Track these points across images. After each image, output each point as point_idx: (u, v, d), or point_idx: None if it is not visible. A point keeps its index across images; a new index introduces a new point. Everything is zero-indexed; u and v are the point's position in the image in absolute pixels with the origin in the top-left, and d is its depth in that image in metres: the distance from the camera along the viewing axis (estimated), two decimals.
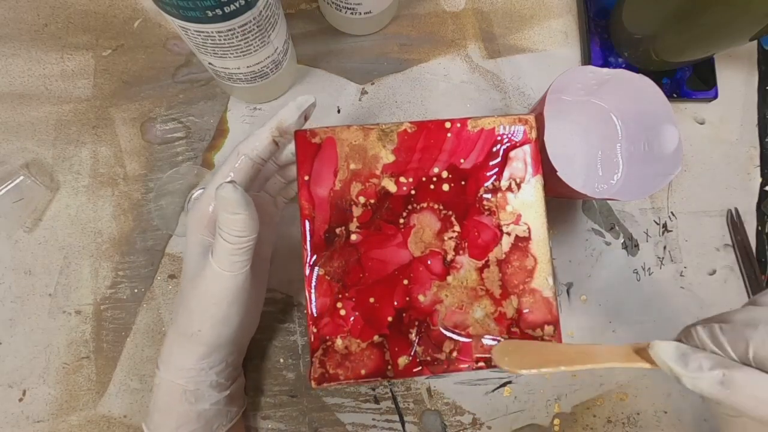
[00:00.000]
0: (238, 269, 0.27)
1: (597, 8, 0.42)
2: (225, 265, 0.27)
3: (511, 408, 0.39)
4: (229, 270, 0.27)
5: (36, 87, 0.39)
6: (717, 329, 0.19)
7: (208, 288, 0.28)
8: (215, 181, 0.28)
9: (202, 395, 0.30)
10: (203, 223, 0.29)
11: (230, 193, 0.25)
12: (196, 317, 0.28)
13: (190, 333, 0.29)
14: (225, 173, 0.29)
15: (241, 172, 0.29)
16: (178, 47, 0.40)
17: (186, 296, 0.29)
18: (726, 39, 0.35)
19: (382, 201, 0.28)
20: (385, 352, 0.27)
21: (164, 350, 0.31)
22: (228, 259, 0.26)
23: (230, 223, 0.25)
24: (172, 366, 0.30)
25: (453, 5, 0.43)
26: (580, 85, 0.35)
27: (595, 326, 0.40)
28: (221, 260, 0.27)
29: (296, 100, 0.29)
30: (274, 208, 0.34)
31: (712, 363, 0.18)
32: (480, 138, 0.29)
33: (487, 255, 0.28)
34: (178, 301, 0.30)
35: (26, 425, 0.36)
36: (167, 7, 0.26)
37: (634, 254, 0.42)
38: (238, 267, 0.27)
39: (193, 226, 0.29)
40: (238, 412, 0.33)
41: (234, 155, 0.29)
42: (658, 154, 0.33)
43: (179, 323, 0.29)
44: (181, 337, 0.29)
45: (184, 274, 0.30)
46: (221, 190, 0.25)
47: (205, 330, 0.29)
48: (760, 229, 0.43)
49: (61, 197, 0.38)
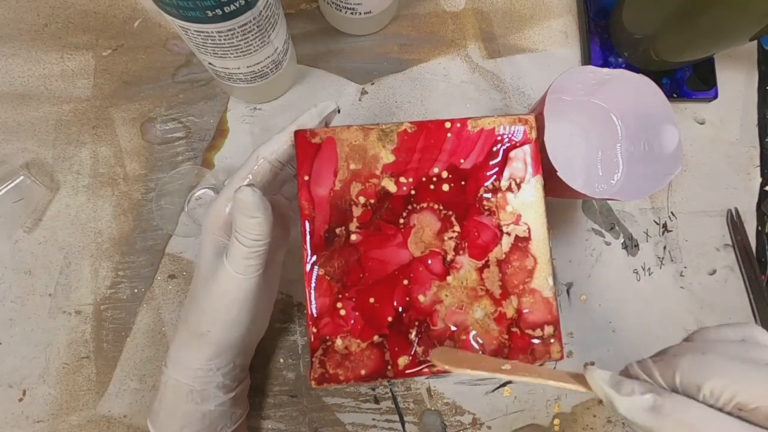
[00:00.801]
0: (252, 272, 0.27)
1: (597, 8, 0.42)
2: (239, 268, 0.27)
3: (511, 408, 0.39)
4: (243, 273, 0.27)
5: (36, 87, 0.39)
6: (649, 361, 0.20)
7: (220, 289, 0.28)
8: (233, 183, 0.28)
9: (208, 396, 0.30)
10: (218, 224, 0.29)
11: (249, 197, 0.25)
12: (207, 318, 0.29)
13: (200, 333, 0.29)
14: (243, 176, 0.29)
15: (259, 175, 0.29)
16: (178, 47, 0.40)
17: (198, 296, 0.29)
18: (726, 39, 0.35)
19: (382, 201, 0.28)
20: (385, 352, 0.27)
21: (173, 349, 0.31)
22: (242, 262, 0.27)
23: (247, 227, 0.26)
24: (180, 365, 0.30)
25: (453, 5, 0.43)
26: (580, 85, 0.35)
27: (595, 326, 0.40)
28: (235, 263, 0.27)
29: (318, 106, 0.29)
30: (289, 212, 0.34)
31: (644, 389, 0.19)
32: (480, 138, 0.29)
33: (487, 255, 0.28)
34: (189, 300, 0.30)
35: (26, 425, 0.36)
36: (167, 7, 0.26)
37: (634, 254, 0.42)
38: (252, 270, 0.27)
39: (209, 227, 0.29)
40: (242, 415, 0.33)
41: (253, 158, 0.29)
42: (658, 154, 0.33)
43: (190, 323, 0.29)
44: (191, 336, 0.29)
45: (197, 274, 0.30)
46: (240, 193, 0.25)
47: (215, 331, 0.29)
48: (760, 229, 0.43)
49: (61, 197, 0.38)
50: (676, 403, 0.18)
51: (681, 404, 0.18)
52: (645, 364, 0.20)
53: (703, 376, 0.18)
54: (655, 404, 0.18)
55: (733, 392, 0.17)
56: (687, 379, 0.18)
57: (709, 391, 0.18)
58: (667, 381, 0.19)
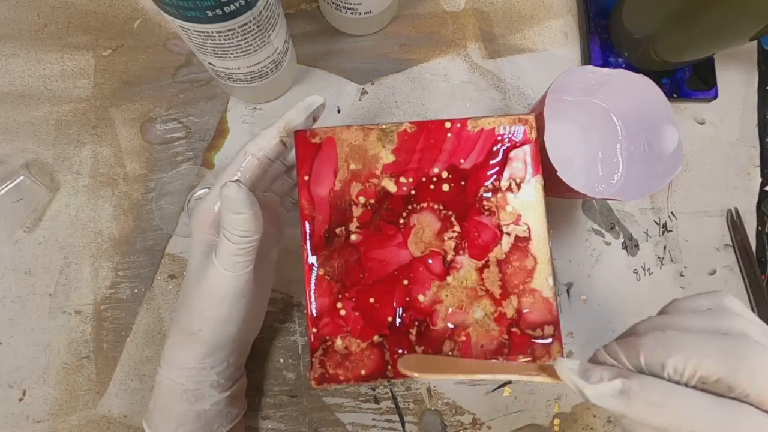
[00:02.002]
0: (241, 269, 0.27)
1: (597, 8, 0.42)
2: (227, 265, 0.27)
3: (511, 408, 0.39)
4: (232, 270, 0.27)
5: (36, 87, 0.39)
6: (614, 345, 0.20)
7: (210, 287, 0.27)
8: (221, 180, 0.28)
9: (202, 395, 0.30)
10: (208, 222, 0.28)
11: (234, 192, 0.25)
12: (197, 316, 0.28)
13: (191, 332, 0.29)
14: (231, 173, 0.28)
15: (247, 172, 0.28)
16: (178, 47, 0.40)
17: (188, 295, 0.29)
18: (726, 39, 0.35)
19: (381, 201, 0.28)
20: (385, 352, 0.27)
21: (166, 348, 0.31)
22: (231, 259, 0.26)
23: (234, 223, 0.25)
24: (173, 365, 0.30)
25: (453, 5, 0.43)
26: (580, 85, 0.35)
27: (595, 326, 0.40)
28: (224, 260, 0.26)
29: (305, 100, 0.29)
30: (280, 208, 0.34)
31: (611, 374, 0.19)
32: (480, 138, 0.29)
33: (487, 255, 0.28)
34: (180, 300, 0.30)
35: (26, 425, 0.36)
36: (167, 7, 0.26)
37: (634, 254, 0.42)
38: (241, 267, 0.27)
39: (198, 225, 0.29)
40: (239, 414, 0.33)
41: (241, 154, 0.28)
42: (658, 154, 0.33)
43: (181, 321, 0.29)
44: (183, 335, 0.29)
45: (188, 272, 0.30)
46: (226, 189, 0.25)
47: (206, 329, 0.29)
48: (760, 229, 0.43)
49: (61, 197, 0.38)
50: (642, 384, 0.18)
51: (647, 384, 0.18)
52: (611, 347, 0.20)
53: (665, 353, 0.18)
54: (623, 388, 0.18)
55: (695, 366, 0.17)
56: (650, 358, 0.18)
57: (672, 368, 0.18)
58: (633, 362, 0.19)
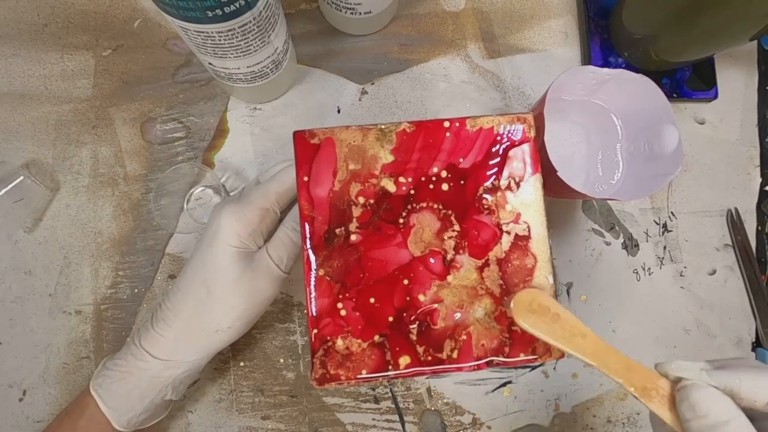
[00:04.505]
0: (289, 270, 0.31)
1: (597, 8, 0.42)
2: (287, 267, 0.31)
3: (511, 408, 0.39)
4: (287, 271, 0.31)
5: (36, 87, 0.39)
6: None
7: (263, 289, 0.30)
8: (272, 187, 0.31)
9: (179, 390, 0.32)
10: (248, 231, 0.30)
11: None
12: (233, 314, 0.30)
13: (216, 330, 0.30)
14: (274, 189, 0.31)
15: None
16: (178, 47, 0.40)
17: (219, 295, 0.29)
18: (726, 39, 0.35)
19: (381, 201, 0.28)
20: (385, 352, 0.27)
21: (163, 342, 0.30)
22: (290, 263, 0.31)
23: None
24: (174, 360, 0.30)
25: (453, 5, 0.43)
26: (580, 85, 0.35)
27: (595, 326, 0.40)
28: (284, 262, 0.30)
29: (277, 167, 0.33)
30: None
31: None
32: (479, 137, 0.29)
33: (487, 254, 0.28)
34: (196, 299, 0.30)
35: (26, 425, 0.36)
36: (167, 7, 0.26)
37: (634, 254, 0.42)
38: (290, 268, 0.31)
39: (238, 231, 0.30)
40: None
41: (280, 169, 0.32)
42: (658, 154, 0.33)
43: (199, 320, 0.30)
44: (198, 333, 0.30)
45: (215, 276, 0.30)
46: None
47: (236, 327, 0.30)
48: (760, 229, 0.43)
49: (61, 197, 0.38)
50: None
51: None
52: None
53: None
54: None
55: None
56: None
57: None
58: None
